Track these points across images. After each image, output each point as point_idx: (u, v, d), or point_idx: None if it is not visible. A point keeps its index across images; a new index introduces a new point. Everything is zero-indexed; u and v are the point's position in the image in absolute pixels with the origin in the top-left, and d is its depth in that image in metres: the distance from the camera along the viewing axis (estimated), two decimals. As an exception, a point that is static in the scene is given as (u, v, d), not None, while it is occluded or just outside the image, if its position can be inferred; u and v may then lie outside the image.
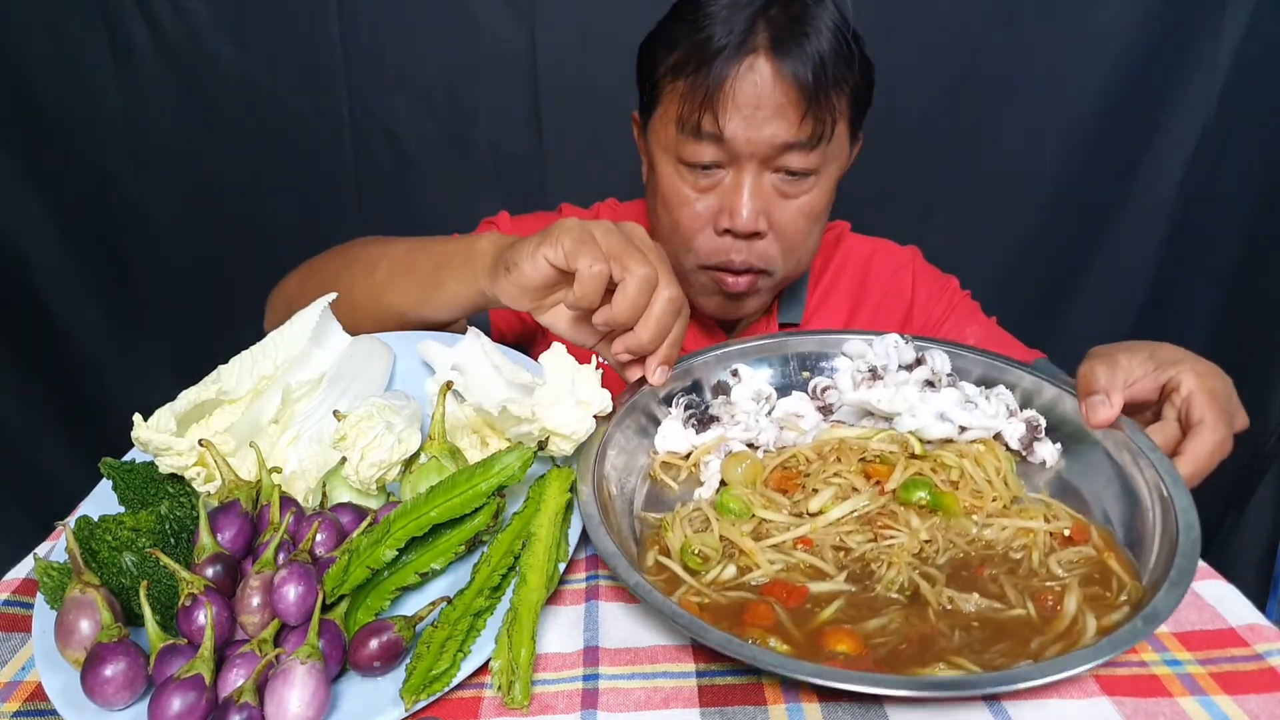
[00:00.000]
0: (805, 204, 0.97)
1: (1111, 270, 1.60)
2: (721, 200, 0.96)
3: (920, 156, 1.53)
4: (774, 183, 0.96)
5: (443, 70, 1.46)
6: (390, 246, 0.91)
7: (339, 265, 0.94)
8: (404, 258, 0.87)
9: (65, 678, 0.54)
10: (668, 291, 0.70)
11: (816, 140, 0.93)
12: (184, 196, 1.56)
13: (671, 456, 0.75)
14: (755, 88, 0.90)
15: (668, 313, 0.70)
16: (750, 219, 0.94)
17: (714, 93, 0.90)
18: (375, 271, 0.88)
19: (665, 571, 0.62)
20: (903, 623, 0.57)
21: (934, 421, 0.74)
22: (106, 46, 1.45)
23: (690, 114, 0.92)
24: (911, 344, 0.82)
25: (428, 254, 0.85)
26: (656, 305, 0.69)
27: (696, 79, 0.91)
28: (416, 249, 0.87)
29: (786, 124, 0.91)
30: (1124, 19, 1.43)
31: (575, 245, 0.69)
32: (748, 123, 0.91)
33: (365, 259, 0.90)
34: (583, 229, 0.70)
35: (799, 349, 0.85)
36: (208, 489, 0.65)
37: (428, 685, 0.52)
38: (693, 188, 0.98)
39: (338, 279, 0.88)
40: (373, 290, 0.87)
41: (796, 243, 1.00)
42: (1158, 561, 0.60)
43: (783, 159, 0.94)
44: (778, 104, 0.91)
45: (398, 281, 0.86)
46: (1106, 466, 0.71)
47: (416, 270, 0.85)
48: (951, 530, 0.65)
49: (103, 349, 1.68)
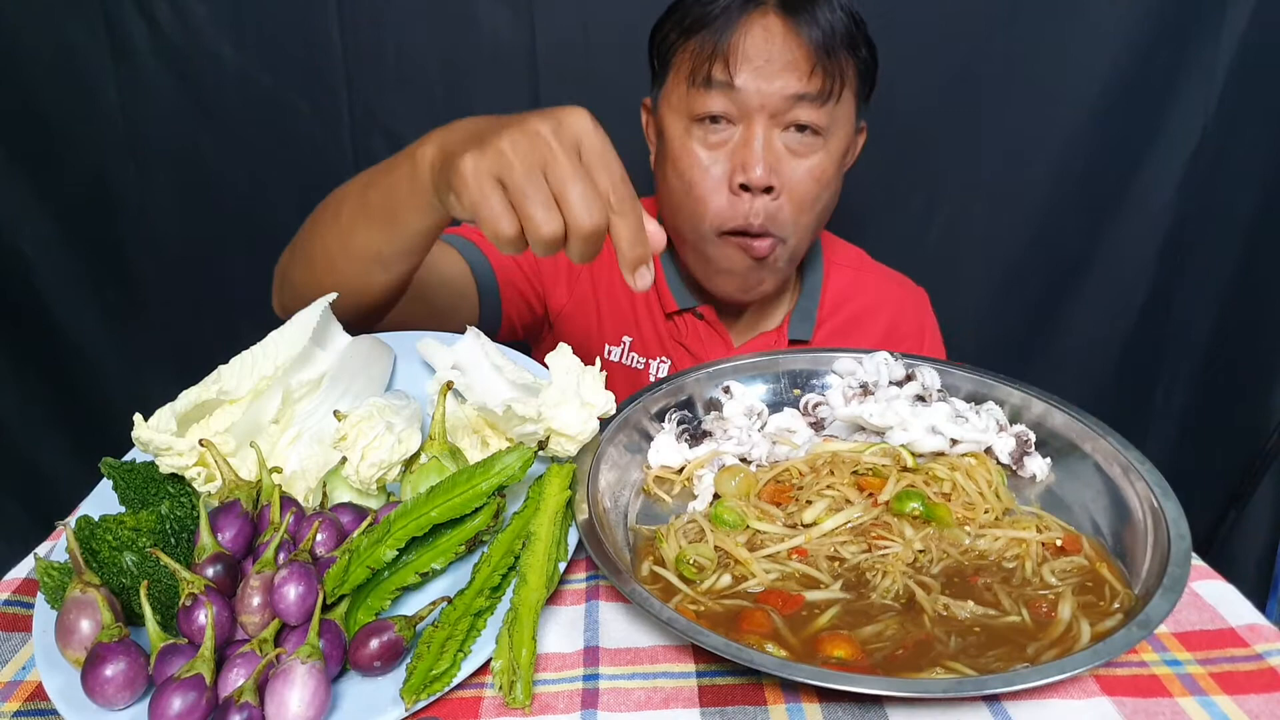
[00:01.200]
0: (815, 166, 0.98)
1: (1112, 270, 1.60)
2: (733, 158, 0.97)
3: (920, 156, 1.53)
4: (784, 141, 0.97)
5: (443, 70, 1.46)
6: (344, 191, 0.83)
7: (310, 229, 0.86)
8: (358, 197, 0.79)
9: (65, 677, 0.54)
10: (579, 233, 0.59)
11: (826, 96, 0.95)
12: (183, 196, 1.56)
13: (665, 470, 0.76)
14: (765, 42, 0.93)
15: (587, 247, 0.60)
16: (764, 170, 0.95)
17: (724, 44, 0.93)
18: (339, 219, 0.81)
19: (660, 581, 0.62)
20: (899, 629, 0.57)
21: (926, 435, 0.75)
22: (106, 46, 1.45)
23: (701, 65, 0.94)
24: (901, 361, 0.83)
25: (377, 188, 0.76)
26: (574, 245, 0.60)
27: (707, 34, 0.94)
28: (368, 185, 0.78)
29: (797, 76, 0.93)
30: (1124, 19, 1.43)
31: (475, 202, 0.60)
32: (758, 74, 0.93)
33: (330, 208, 0.83)
34: (479, 168, 0.60)
35: (790, 366, 0.87)
36: (208, 489, 0.65)
37: (428, 685, 0.52)
38: (703, 145, 0.98)
39: (311, 242, 0.84)
40: (341, 239, 0.80)
41: (806, 204, 1.00)
42: (1150, 570, 0.61)
43: (793, 112, 0.95)
44: (788, 58, 0.93)
45: (359, 223, 0.79)
46: (1096, 480, 0.72)
47: (372, 205, 0.77)
48: (945, 540, 0.65)
49: (103, 348, 1.68)
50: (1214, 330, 1.65)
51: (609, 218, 0.60)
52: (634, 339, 1.15)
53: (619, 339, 1.16)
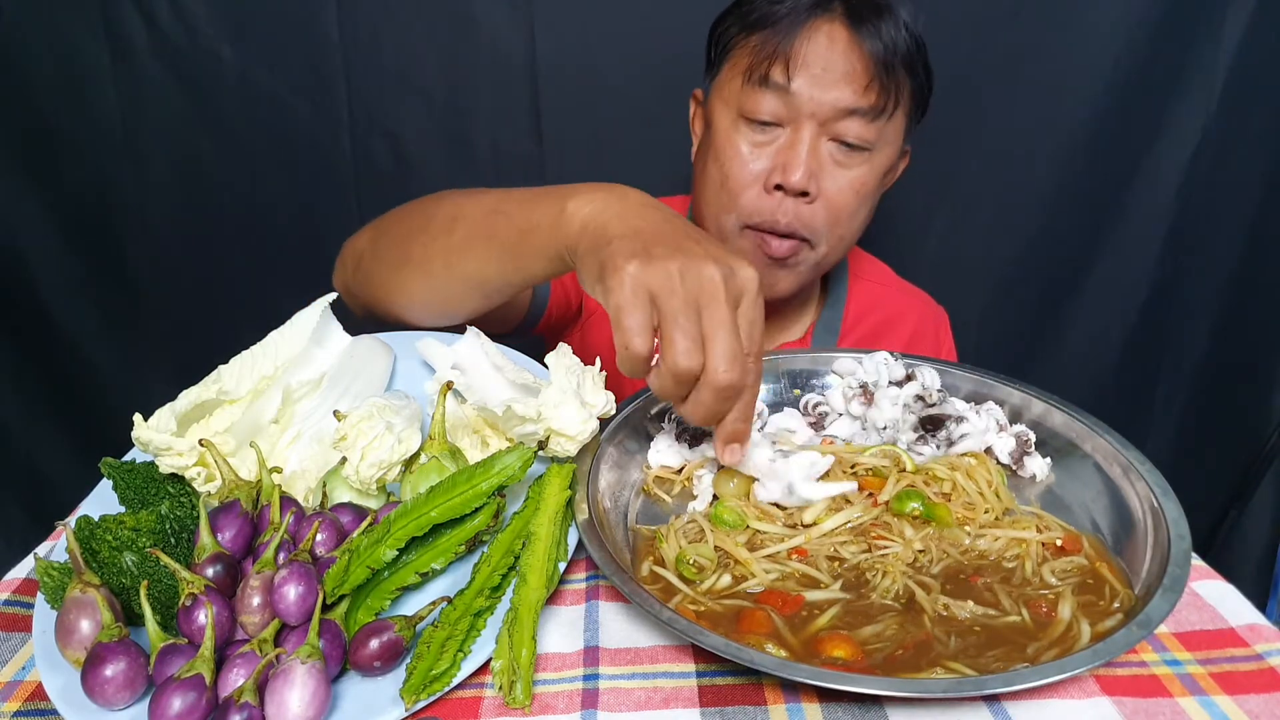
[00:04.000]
0: (857, 178, 0.97)
1: (1113, 270, 1.60)
2: (775, 158, 0.96)
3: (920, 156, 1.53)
4: (829, 151, 0.96)
5: (442, 71, 1.46)
6: (468, 204, 0.80)
7: (413, 225, 0.84)
8: (484, 220, 0.77)
9: (65, 677, 0.54)
10: (714, 381, 0.58)
11: (879, 112, 0.94)
12: (183, 196, 1.56)
13: (664, 471, 0.76)
14: (826, 49, 0.92)
15: (715, 400, 0.60)
16: (803, 176, 0.94)
17: (786, 46, 0.92)
18: (452, 233, 0.78)
19: (660, 581, 0.62)
20: (898, 629, 0.57)
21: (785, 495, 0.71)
22: (105, 46, 1.45)
23: (759, 64, 0.94)
24: (900, 361, 0.83)
25: (510, 219, 0.74)
26: (703, 393, 0.59)
27: (770, 33, 0.93)
28: (497, 211, 0.76)
29: (853, 89, 0.92)
30: (1125, 19, 1.43)
31: (620, 307, 0.59)
32: (815, 81, 0.92)
33: (441, 218, 0.80)
34: (639, 279, 0.59)
35: (790, 367, 0.87)
36: (208, 489, 0.65)
37: (428, 685, 0.52)
38: (749, 142, 0.97)
39: (410, 240, 0.82)
40: (449, 255, 0.78)
41: (843, 216, 0.99)
42: (1150, 570, 0.61)
43: (842, 125, 0.94)
44: (847, 69, 0.92)
45: (477, 248, 0.76)
46: (1096, 480, 0.72)
47: (497, 237, 0.75)
48: (945, 540, 0.65)
49: (102, 348, 1.68)
50: (1214, 330, 1.64)
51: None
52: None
53: None
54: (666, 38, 1.25)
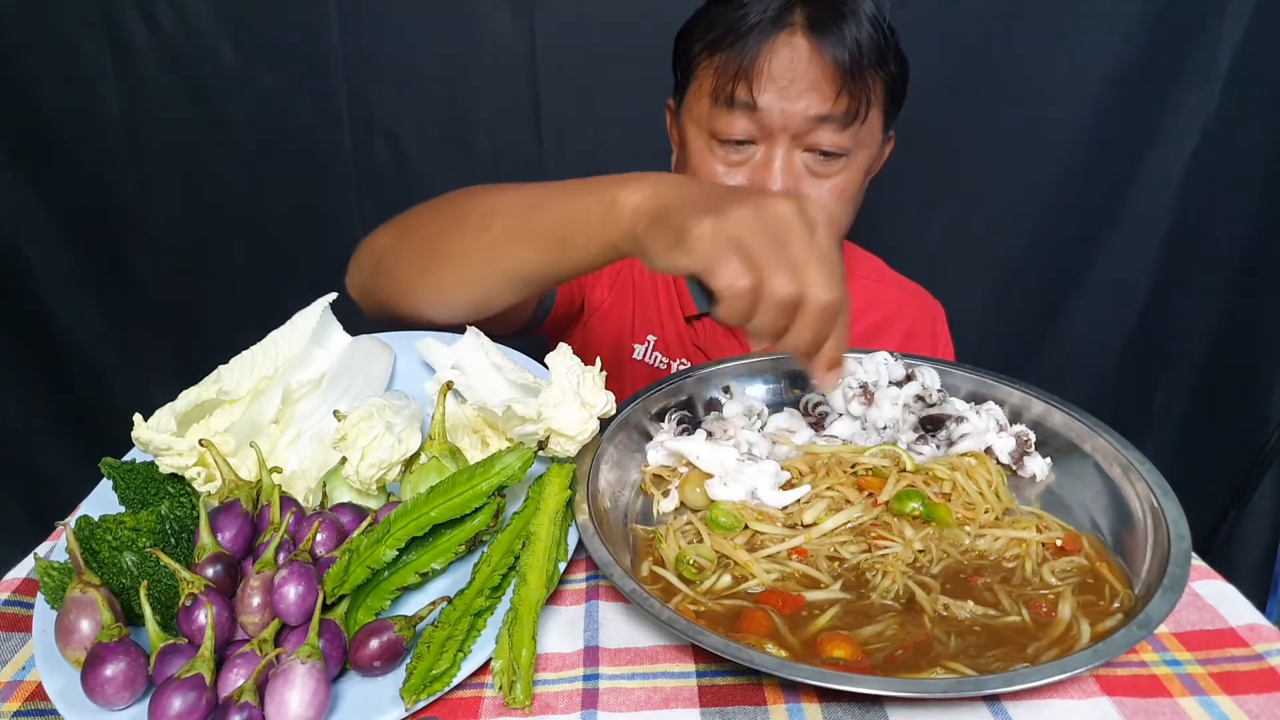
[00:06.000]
0: (836, 185, 0.97)
1: (1112, 270, 1.60)
2: (751, 175, 0.96)
3: (920, 156, 1.53)
4: (805, 162, 0.95)
5: (442, 70, 1.46)
6: (503, 198, 0.80)
7: (444, 222, 0.83)
8: (523, 214, 0.77)
9: (65, 678, 0.54)
10: (818, 302, 0.60)
11: (851, 118, 0.93)
12: (184, 196, 1.56)
13: (664, 471, 0.75)
14: (791, 61, 0.91)
15: (820, 322, 0.61)
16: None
17: (749, 65, 0.91)
18: (489, 228, 0.77)
19: (660, 581, 0.62)
20: (898, 629, 0.57)
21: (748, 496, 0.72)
22: (106, 45, 1.45)
23: (724, 85, 0.92)
24: (900, 361, 0.83)
25: (552, 212, 0.74)
26: (807, 317, 0.61)
27: (731, 52, 0.92)
28: (537, 205, 0.76)
29: (821, 98, 0.91)
30: (1124, 19, 1.43)
31: (711, 258, 0.60)
32: (782, 94, 0.91)
33: (476, 214, 0.79)
34: (720, 230, 0.60)
35: (790, 367, 0.87)
36: (208, 489, 0.65)
37: (428, 685, 0.52)
38: (723, 163, 0.97)
39: (442, 237, 0.81)
40: (488, 250, 0.78)
41: None
42: (1150, 570, 0.61)
43: (815, 135, 0.93)
44: (813, 78, 0.91)
45: (518, 242, 0.76)
46: (1096, 480, 0.72)
47: (540, 230, 0.75)
48: (945, 540, 0.65)
49: (103, 348, 1.68)
50: (1214, 330, 1.65)
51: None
52: (658, 339, 1.15)
53: (644, 337, 1.16)
54: (667, 38, 1.25)
